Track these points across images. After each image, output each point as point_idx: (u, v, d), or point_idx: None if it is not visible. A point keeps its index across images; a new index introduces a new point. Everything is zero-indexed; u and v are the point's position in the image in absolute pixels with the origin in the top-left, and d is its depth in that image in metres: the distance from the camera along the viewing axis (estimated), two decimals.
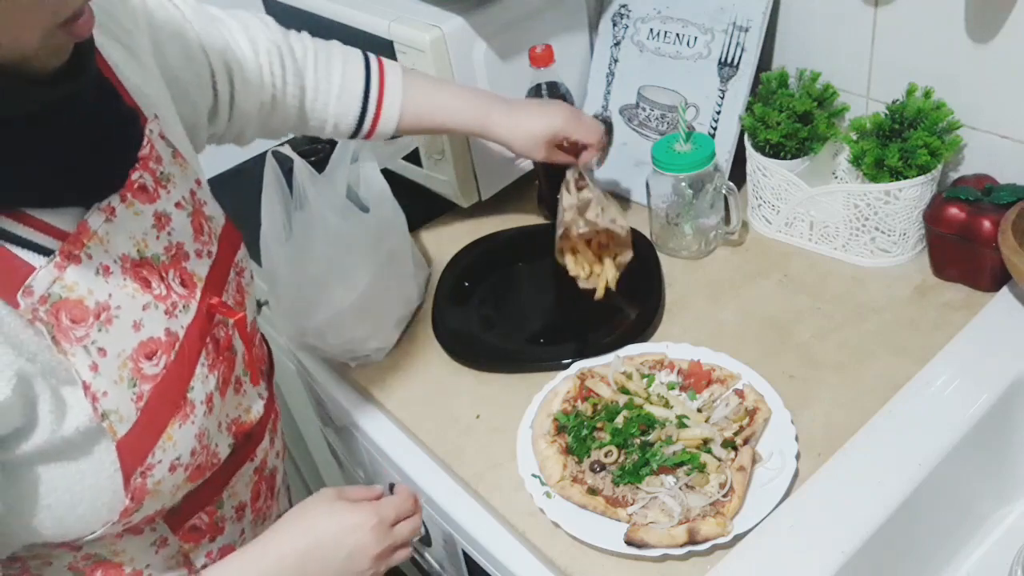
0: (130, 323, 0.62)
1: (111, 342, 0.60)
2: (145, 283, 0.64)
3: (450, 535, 0.89)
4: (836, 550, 0.71)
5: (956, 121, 0.94)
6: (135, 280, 0.63)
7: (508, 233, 1.15)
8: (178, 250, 0.68)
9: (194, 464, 0.67)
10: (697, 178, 1.02)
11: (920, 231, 0.97)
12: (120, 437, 0.60)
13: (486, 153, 1.17)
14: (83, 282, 0.59)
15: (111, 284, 0.61)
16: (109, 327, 0.60)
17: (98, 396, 0.59)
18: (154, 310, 0.64)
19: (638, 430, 0.81)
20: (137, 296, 0.63)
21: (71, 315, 0.58)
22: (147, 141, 0.66)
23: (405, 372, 1.00)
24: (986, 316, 0.89)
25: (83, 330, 0.58)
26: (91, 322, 0.59)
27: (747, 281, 1.02)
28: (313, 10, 1.20)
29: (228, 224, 0.77)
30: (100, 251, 0.60)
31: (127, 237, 0.63)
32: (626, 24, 1.19)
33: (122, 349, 0.61)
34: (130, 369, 0.61)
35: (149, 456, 0.62)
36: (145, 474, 0.62)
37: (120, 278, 0.62)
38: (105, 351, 0.60)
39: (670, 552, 0.73)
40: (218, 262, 0.72)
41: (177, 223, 0.68)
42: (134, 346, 0.62)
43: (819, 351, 0.90)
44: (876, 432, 0.80)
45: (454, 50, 1.06)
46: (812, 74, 1.04)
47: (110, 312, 0.60)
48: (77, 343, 0.58)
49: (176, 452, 0.65)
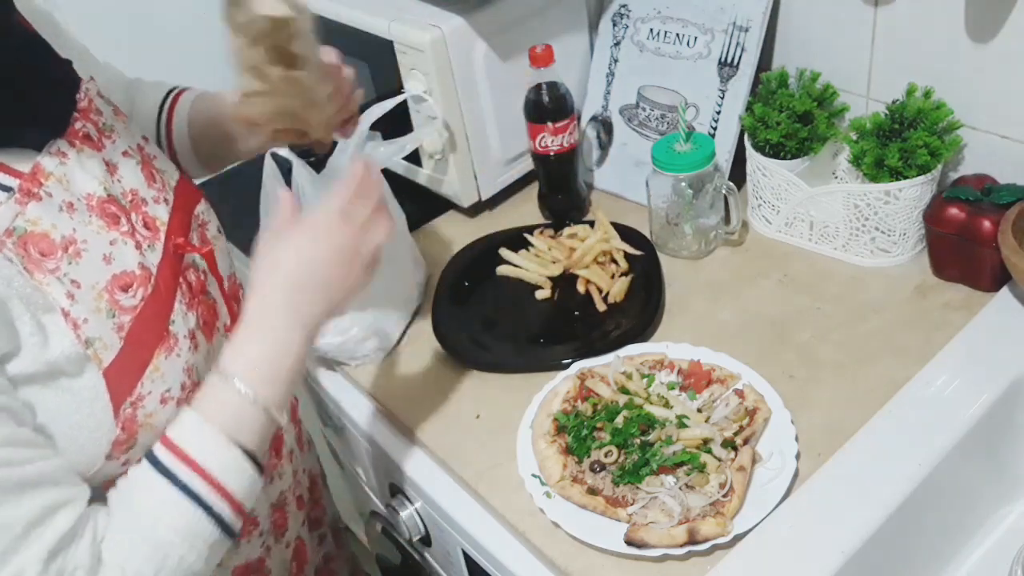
0: (99, 256, 0.64)
1: (83, 274, 0.63)
2: (113, 219, 0.66)
3: (450, 535, 0.89)
4: (836, 550, 0.71)
5: (956, 121, 0.94)
6: (101, 217, 0.65)
7: (508, 233, 1.15)
8: (134, 196, 0.70)
9: (183, 400, 0.68)
10: (697, 178, 1.02)
11: (920, 231, 0.97)
12: (106, 365, 0.62)
13: (486, 153, 1.17)
14: (46, 217, 0.61)
15: (75, 220, 0.63)
16: (79, 260, 0.63)
17: (79, 323, 0.61)
18: (123, 245, 0.66)
19: (638, 430, 0.81)
20: (103, 233, 0.65)
21: (39, 248, 0.60)
22: (84, 95, 0.69)
23: (405, 372, 1.00)
24: (986, 316, 0.89)
25: (53, 263, 0.61)
26: (60, 255, 0.61)
27: (747, 281, 1.02)
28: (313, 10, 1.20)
29: (183, 179, 0.78)
30: (60, 190, 0.63)
31: (89, 177, 0.66)
32: (626, 24, 1.19)
33: (96, 281, 0.63)
34: (107, 300, 0.64)
35: (138, 386, 0.64)
36: (136, 405, 0.64)
37: (85, 215, 0.64)
38: (79, 283, 0.62)
39: (670, 552, 0.73)
40: (176, 209, 0.73)
41: (125, 171, 0.70)
42: (107, 279, 0.64)
43: (819, 351, 0.90)
44: (876, 432, 0.80)
45: (454, 50, 1.06)
46: (812, 74, 1.04)
47: (77, 246, 0.63)
48: (50, 274, 0.61)
49: (165, 384, 0.66)
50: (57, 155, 0.64)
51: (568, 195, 1.18)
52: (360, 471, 1.14)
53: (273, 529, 0.87)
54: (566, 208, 1.18)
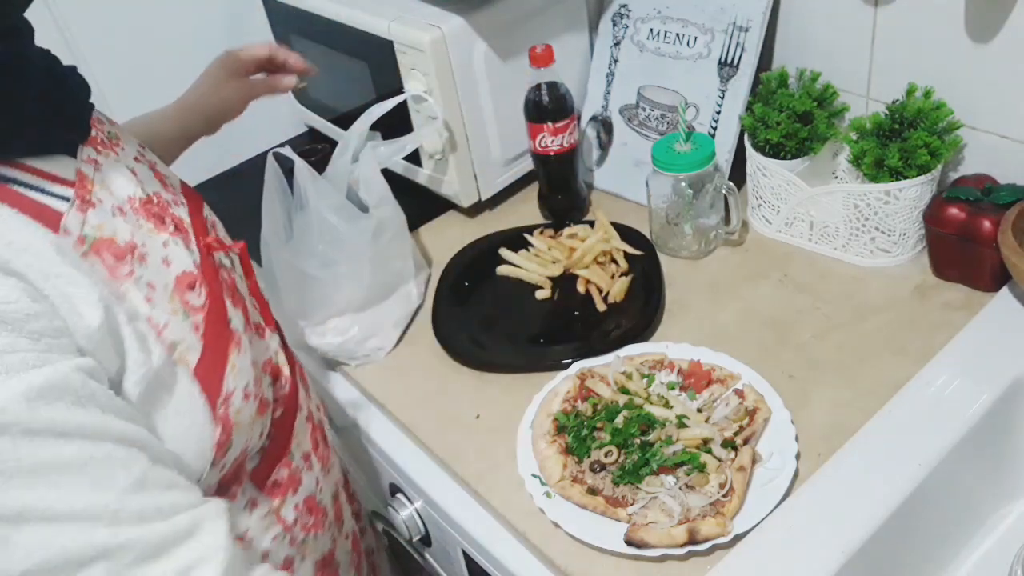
0: (160, 259, 0.63)
1: (154, 277, 0.61)
2: (159, 220, 0.65)
3: (450, 535, 0.89)
4: (836, 550, 0.71)
5: (956, 121, 0.94)
6: (148, 219, 0.64)
7: (508, 233, 1.15)
8: (159, 199, 0.69)
9: (256, 395, 0.68)
10: (697, 178, 1.02)
11: (920, 231, 0.97)
12: (193, 367, 0.62)
13: (486, 153, 1.17)
14: (107, 224, 0.60)
15: (129, 224, 0.62)
16: (144, 263, 0.61)
17: (161, 328, 0.60)
18: (174, 246, 0.65)
19: (638, 430, 0.81)
20: (154, 235, 0.64)
21: (111, 253, 0.59)
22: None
23: (405, 372, 1.00)
24: (986, 316, 0.89)
25: (127, 267, 0.59)
26: (128, 259, 0.60)
27: (747, 281, 1.02)
28: (313, 10, 1.20)
29: (183, 183, 0.79)
30: (107, 195, 0.62)
31: (124, 181, 0.64)
32: (626, 24, 1.19)
33: (165, 283, 0.62)
34: (179, 302, 0.63)
35: (223, 383, 0.64)
36: (227, 402, 0.64)
37: (134, 218, 0.63)
38: (153, 286, 0.61)
39: (670, 552, 0.73)
40: (192, 211, 0.73)
41: (142, 175, 0.69)
42: (173, 280, 0.63)
43: (819, 351, 0.90)
44: (876, 432, 0.80)
45: (454, 50, 1.06)
46: (812, 74, 1.04)
47: (139, 250, 0.61)
48: (127, 279, 0.59)
49: (244, 379, 0.66)
50: (90, 162, 0.62)
51: (568, 195, 1.18)
52: (360, 471, 1.14)
53: (336, 521, 0.86)
54: (566, 208, 1.18)
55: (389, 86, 1.14)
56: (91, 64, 1.26)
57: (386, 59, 1.11)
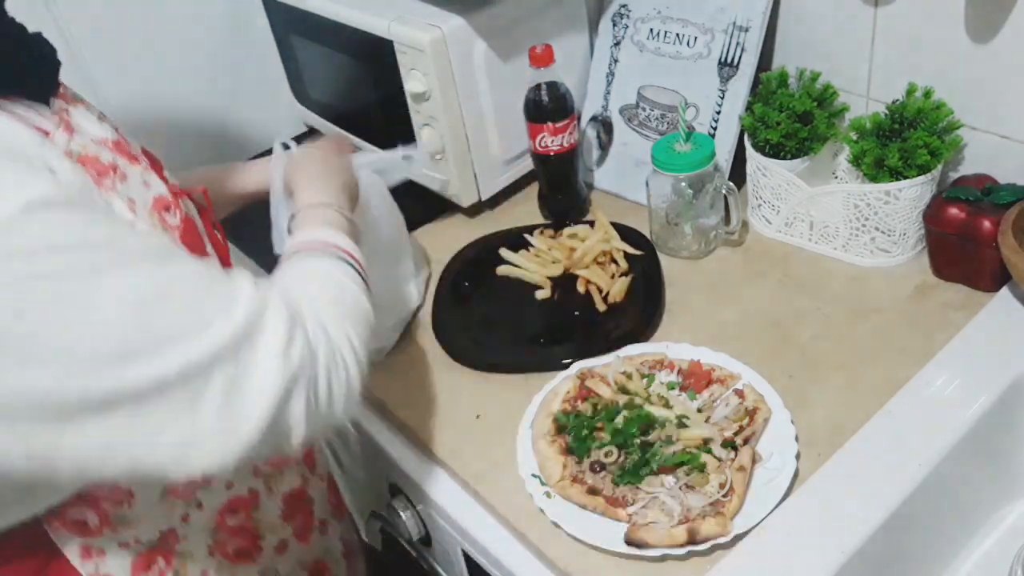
0: (139, 180, 0.67)
1: (134, 194, 0.65)
2: (132, 158, 0.68)
3: (450, 535, 0.89)
4: (836, 550, 0.71)
5: (956, 121, 0.94)
6: (122, 155, 0.67)
7: (508, 233, 1.15)
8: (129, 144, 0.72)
9: None
10: (697, 178, 1.02)
11: (920, 231, 0.97)
12: None
13: (486, 153, 1.17)
14: (89, 148, 0.63)
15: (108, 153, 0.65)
16: (126, 182, 0.65)
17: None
18: (149, 175, 0.69)
19: (638, 430, 0.81)
20: (131, 166, 0.67)
21: (95, 168, 0.62)
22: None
23: (405, 372, 1.00)
24: (986, 316, 0.89)
25: (110, 181, 0.63)
26: (111, 176, 0.63)
27: (747, 281, 1.02)
28: (313, 10, 1.20)
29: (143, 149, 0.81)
30: (84, 133, 0.65)
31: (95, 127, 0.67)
32: (626, 24, 1.19)
33: (144, 201, 0.66)
34: (157, 218, 0.66)
35: None
36: None
37: (111, 150, 0.66)
38: (134, 200, 0.64)
39: (670, 552, 0.73)
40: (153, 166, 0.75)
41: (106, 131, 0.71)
42: (151, 199, 0.67)
43: (819, 351, 0.90)
44: (876, 432, 0.80)
45: (454, 50, 1.06)
46: (812, 74, 1.04)
47: (121, 170, 0.65)
48: (110, 191, 0.62)
49: None
50: (60, 112, 0.65)
51: (568, 195, 1.18)
52: (360, 471, 1.14)
53: (306, 460, 0.89)
54: (566, 208, 1.18)
55: (389, 86, 1.14)
56: (91, 64, 1.26)
57: (386, 59, 1.11)
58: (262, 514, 0.81)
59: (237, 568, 0.79)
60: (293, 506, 0.85)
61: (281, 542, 0.84)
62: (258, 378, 0.57)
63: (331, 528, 0.94)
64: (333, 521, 0.95)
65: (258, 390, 0.57)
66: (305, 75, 1.37)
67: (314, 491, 0.90)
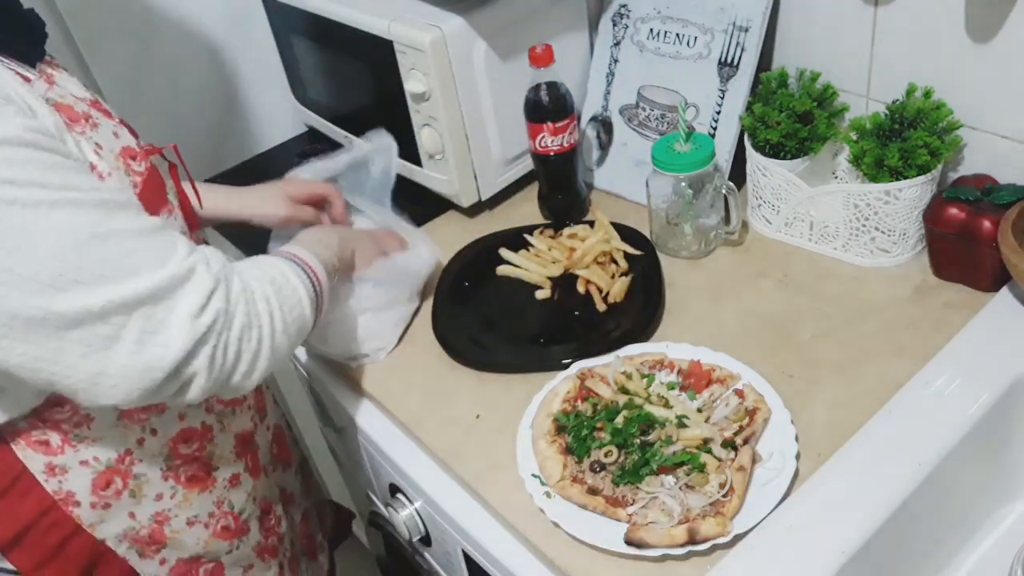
0: (110, 131, 0.74)
1: (101, 140, 0.72)
2: (107, 114, 0.76)
3: (450, 535, 0.89)
4: (836, 550, 0.71)
5: (956, 121, 0.94)
6: (97, 110, 0.75)
7: (508, 233, 1.15)
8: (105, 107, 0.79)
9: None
10: (697, 178, 1.02)
11: (920, 231, 0.97)
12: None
13: (486, 153, 1.17)
14: (67, 98, 0.71)
15: (84, 106, 0.73)
16: (96, 130, 0.72)
17: (103, 175, 0.69)
18: (120, 128, 0.77)
19: (638, 430, 0.81)
20: (105, 119, 0.75)
21: (68, 115, 0.69)
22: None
23: (405, 372, 1.00)
24: (986, 316, 0.89)
25: (80, 127, 0.70)
26: (83, 123, 0.71)
27: (747, 281, 1.02)
28: (313, 10, 1.20)
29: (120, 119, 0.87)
30: (64, 88, 0.73)
31: (76, 87, 0.75)
32: (626, 24, 1.19)
33: (111, 148, 0.73)
34: (122, 163, 0.73)
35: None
36: None
37: (87, 105, 0.74)
38: (100, 146, 0.71)
39: (670, 552, 0.73)
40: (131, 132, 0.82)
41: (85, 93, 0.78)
42: (119, 148, 0.74)
43: (819, 351, 0.90)
44: (876, 432, 0.80)
45: (454, 50, 1.06)
46: (812, 74, 1.04)
47: (93, 119, 0.72)
48: (80, 136, 0.69)
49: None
50: (44, 74, 0.72)
51: (568, 195, 1.18)
52: (360, 471, 1.14)
53: (258, 409, 0.97)
54: (566, 208, 1.18)
55: (389, 86, 1.14)
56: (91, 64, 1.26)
57: (386, 59, 1.11)
58: (216, 447, 0.88)
59: (191, 494, 0.86)
60: (244, 446, 0.92)
61: (234, 475, 0.91)
62: (170, 331, 0.66)
63: (271, 473, 1.01)
64: (275, 467, 1.03)
65: (165, 342, 0.66)
66: (305, 75, 1.37)
67: (260, 438, 0.97)
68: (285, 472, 1.06)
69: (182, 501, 0.86)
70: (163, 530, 0.85)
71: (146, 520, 0.83)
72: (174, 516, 0.85)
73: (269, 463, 1.00)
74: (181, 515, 0.86)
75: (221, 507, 0.90)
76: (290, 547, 1.05)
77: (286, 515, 1.04)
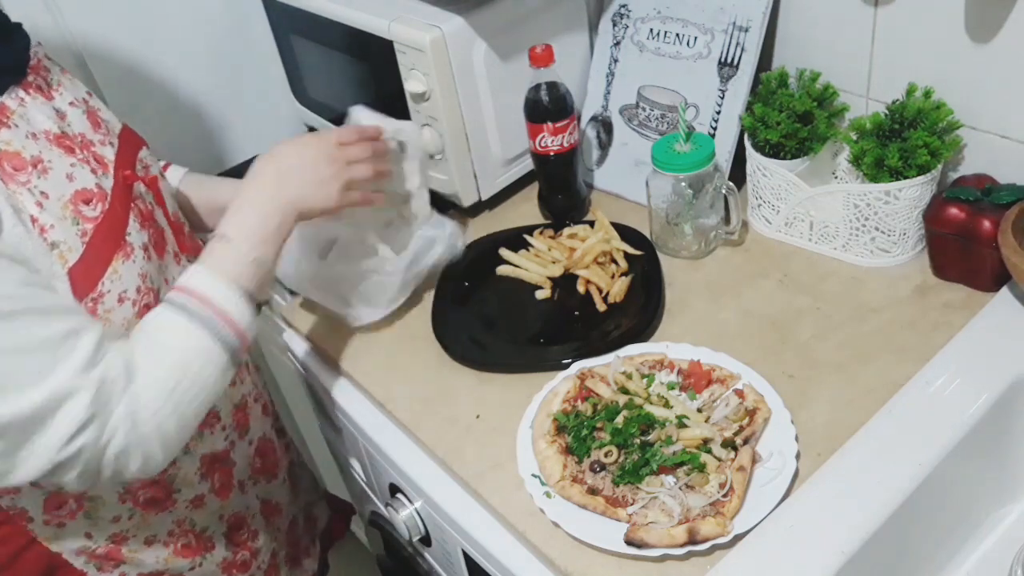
0: (63, 175, 0.73)
1: (50, 188, 0.72)
2: (69, 150, 0.75)
3: (450, 535, 0.89)
4: (836, 550, 0.71)
5: (956, 121, 0.94)
6: (59, 148, 0.74)
7: (508, 233, 1.15)
8: (83, 138, 0.78)
9: (141, 302, 0.77)
10: (697, 178, 1.02)
11: (920, 231, 0.97)
12: (70, 265, 0.71)
13: (486, 153, 1.17)
14: (16, 141, 0.71)
15: (40, 146, 0.73)
16: (46, 176, 0.72)
17: (46, 228, 0.70)
18: (81, 169, 0.75)
19: (638, 430, 0.81)
20: (63, 157, 0.74)
21: (12, 164, 0.69)
22: (34, 53, 0.78)
23: (405, 372, 1.00)
24: (986, 316, 0.89)
25: (24, 176, 0.70)
26: (30, 171, 0.71)
27: (747, 281, 1.02)
28: (313, 10, 1.20)
29: (126, 128, 0.86)
30: (24, 123, 0.72)
31: (44, 118, 0.74)
32: (626, 24, 1.19)
33: (61, 194, 0.72)
34: (71, 211, 0.73)
35: (98, 285, 0.73)
36: (96, 300, 0.73)
37: (47, 143, 0.73)
38: (47, 194, 0.71)
39: (670, 552, 0.73)
40: (121, 152, 0.82)
41: (73, 118, 0.79)
42: (71, 193, 0.73)
43: (819, 351, 0.90)
44: (876, 432, 0.80)
45: (454, 50, 1.06)
46: (812, 74, 1.04)
47: (44, 164, 0.72)
48: (22, 186, 0.69)
49: (123, 286, 0.75)
50: (16, 99, 0.73)
51: (568, 195, 1.18)
52: (360, 471, 1.14)
53: (237, 426, 0.95)
54: (566, 208, 1.18)
55: (389, 86, 1.14)
56: (91, 64, 1.26)
57: (386, 59, 1.11)
58: (178, 471, 0.86)
59: (149, 515, 0.86)
60: (212, 466, 0.91)
61: (197, 496, 0.90)
62: (34, 454, 0.66)
63: (249, 488, 0.98)
64: (256, 481, 1.00)
65: (31, 461, 0.67)
66: (305, 75, 1.37)
67: (238, 455, 0.95)
68: (269, 484, 1.04)
69: (140, 522, 0.85)
70: (120, 550, 0.85)
71: (103, 540, 0.84)
72: (132, 536, 0.85)
73: (248, 478, 0.98)
74: (139, 535, 0.86)
75: (182, 526, 0.89)
76: (269, 558, 1.03)
77: (268, 526, 1.03)
